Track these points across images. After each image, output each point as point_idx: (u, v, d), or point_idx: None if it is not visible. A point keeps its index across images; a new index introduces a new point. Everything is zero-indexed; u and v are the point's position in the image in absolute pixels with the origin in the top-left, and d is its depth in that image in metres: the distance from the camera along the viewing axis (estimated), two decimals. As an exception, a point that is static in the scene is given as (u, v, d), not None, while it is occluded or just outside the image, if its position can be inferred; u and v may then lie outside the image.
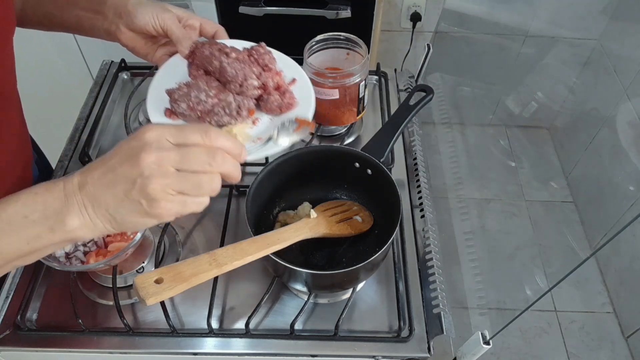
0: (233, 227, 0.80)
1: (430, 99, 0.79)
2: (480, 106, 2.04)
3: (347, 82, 0.83)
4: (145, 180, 0.43)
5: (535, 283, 1.70)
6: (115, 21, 0.70)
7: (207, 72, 0.70)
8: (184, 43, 0.70)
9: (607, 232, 1.74)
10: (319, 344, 0.68)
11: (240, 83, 0.67)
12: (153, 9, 0.69)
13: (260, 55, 0.71)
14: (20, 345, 0.67)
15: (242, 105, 0.67)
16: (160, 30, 0.70)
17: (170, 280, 0.50)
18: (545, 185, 2.04)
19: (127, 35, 0.71)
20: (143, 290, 0.48)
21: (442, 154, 1.26)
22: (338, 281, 0.67)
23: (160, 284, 0.50)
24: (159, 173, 0.43)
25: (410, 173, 0.88)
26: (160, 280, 0.50)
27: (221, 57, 0.67)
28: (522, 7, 1.77)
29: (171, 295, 0.50)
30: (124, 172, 0.44)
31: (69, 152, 0.89)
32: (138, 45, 0.72)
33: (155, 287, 0.49)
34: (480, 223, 1.87)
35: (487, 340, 0.64)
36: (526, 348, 1.62)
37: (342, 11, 1.28)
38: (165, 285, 0.50)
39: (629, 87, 1.66)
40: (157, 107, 0.68)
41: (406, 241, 0.76)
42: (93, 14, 0.71)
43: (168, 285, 0.50)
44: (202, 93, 0.66)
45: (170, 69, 0.71)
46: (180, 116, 0.67)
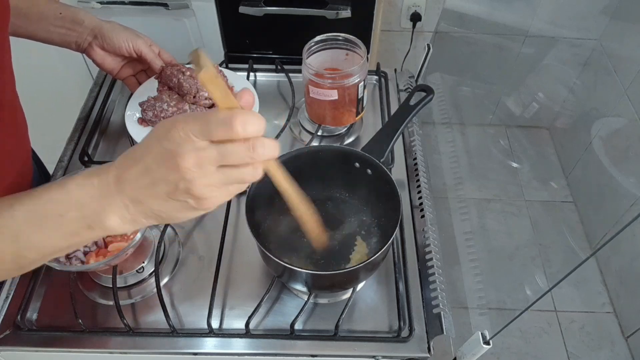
0: (233, 227, 0.80)
1: (430, 99, 0.79)
2: (480, 106, 2.04)
3: (346, 83, 0.83)
4: (189, 183, 0.42)
5: (535, 283, 1.70)
6: (89, 39, 0.83)
7: (170, 87, 0.87)
8: (157, 63, 0.87)
9: (607, 232, 1.74)
10: (319, 344, 0.68)
11: (194, 95, 0.85)
12: (127, 35, 0.84)
13: None
14: (20, 345, 0.67)
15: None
16: (134, 54, 0.85)
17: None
18: (545, 185, 2.04)
19: (99, 53, 0.84)
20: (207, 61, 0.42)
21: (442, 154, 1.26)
22: (338, 281, 0.67)
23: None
24: (201, 174, 0.42)
25: (410, 173, 0.88)
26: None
27: (179, 75, 0.85)
28: (522, 7, 1.77)
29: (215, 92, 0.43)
30: (164, 176, 0.43)
31: (69, 152, 0.89)
32: (106, 62, 0.86)
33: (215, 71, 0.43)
34: (480, 223, 1.87)
35: (487, 340, 0.64)
36: (526, 348, 1.62)
37: (342, 11, 1.28)
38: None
39: (629, 87, 1.65)
40: (133, 117, 0.86)
41: (406, 241, 0.76)
42: (66, 30, 0.81)
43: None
44: (164, 104, 0.84)
45: (144, 88, 0.89)
46: (148, 122, 0.85)
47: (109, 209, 0.44)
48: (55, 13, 0.80)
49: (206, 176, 0.42)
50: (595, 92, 1.88)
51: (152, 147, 0.43)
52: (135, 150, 0.44)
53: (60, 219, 0.44)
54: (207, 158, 0.42)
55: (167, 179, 0.42)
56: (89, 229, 0.45)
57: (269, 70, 1.04)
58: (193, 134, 0.42)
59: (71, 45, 0.83)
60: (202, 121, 0.42)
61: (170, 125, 0.42)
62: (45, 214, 0.45)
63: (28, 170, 0.79)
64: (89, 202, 0.44)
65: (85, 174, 0.45)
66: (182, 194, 0.43)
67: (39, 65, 1.34)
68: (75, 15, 0.81)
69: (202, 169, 0.42)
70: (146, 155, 0.43)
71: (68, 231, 0.45)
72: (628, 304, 1.65)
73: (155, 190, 0.43)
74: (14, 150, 0.73)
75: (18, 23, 0.76)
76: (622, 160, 1.71)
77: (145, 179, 0.43)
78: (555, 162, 2.08)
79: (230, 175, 0.44)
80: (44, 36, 0.81)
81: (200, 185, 0.42)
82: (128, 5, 1.33)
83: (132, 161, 0.44)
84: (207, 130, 0.42)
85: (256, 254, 0.72)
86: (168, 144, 0.42)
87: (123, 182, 0.44)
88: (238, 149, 0.43)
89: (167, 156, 0.42)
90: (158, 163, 0.42)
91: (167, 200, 0.44)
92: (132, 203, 0.44)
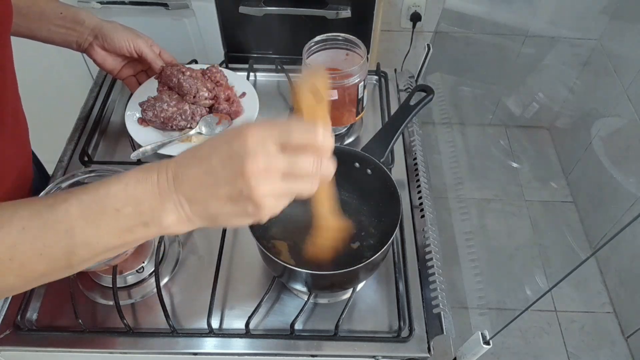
0: (233, 227, 0.80)
1: (430, 99, 0.79)
2: (480, 106, 2.04)
3: (346, 83, 0.83)
4: (253, 190, 0.41)
5: (535, 283, 1.70)
6: (89, 39, 0.83)
7: (170, 87, 0.87)
8: (158, 63, 0.87)
9: (607, 232, 1.74)
10: (319, 344, 0.68)
11: (194, 95, 0.85)
12: (128, 35, 0.84)
13: (212, 73, 0.89)
14: (20, 345, 0.67)
15: (196, 112, 0.86)
16: (134, 54, 0.86)
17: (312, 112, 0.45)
18: (545, 185, 2.04)
19: (100, 53, 0.85)
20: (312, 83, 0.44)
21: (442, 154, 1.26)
22: (338, 281, 0.67)
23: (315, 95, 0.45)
24: (266, 182, 0.42)
25: (410, 173, 0.88)
26: (315, 99, 0.45)
27: (179, 75, 0.85)
28: (522, 7, 1.77)
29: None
30: (228, 178, 0.42)
31: (69, 152, 0.89)
32: (107, 62, 0.86)
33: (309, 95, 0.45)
34: (480, 223, 1.87)
35: (487, 340, 0.64)
36: (526, 348, 1.62)
37: (342, 11, 1.28)
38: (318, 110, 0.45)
39: (629, 87, 1.65)
40: (133, 117, 0.87)
41: (406, 241, 0.76)
42: (66, 30, 0.81)
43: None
44: (164, 104, 0.84)
45: (144, 88, 0.90)
46: (148, 122, 0.86)
47: (166, 206, 0.43)
48: (56, 13, 0.80)
49: (271, 184, 0.42)
50: (595, 92, 1.88)
51: (220, 148, 0.42)
52: (200, 149, 0.44)
53: (116, 214, 0.43)
54: (275, 165, 0.42)
55: (231, 181, 0.42)
56: (144, 226, 0.44)
57: (269, 70, 1.04)
58: (270, 137, 0.41)
59: (72, 45, 0.83)
60: (283, 126, 0.42)
61: (244, 129, 0.42)
62: (102, 208, 0.43)
63: (28, 174, 0.79)
64: (146, 198, 0.43)
65: (145, 168, 0.44)
66: (244, 199, 0.42)
67: (38, 65, 1.34)
68: (76, 15, 0.81)
69: (268, 176, 0.42)
70: (212, 155, 0.42)
71: (123, 227, 0.44)
72: (628, 304, 1.65)
73: (217, 192, 0.43)
74: (15, 154, 0.73)
75: (18, 22, 0.76)
76: (622, 160, 1.71)
77: (208, 179, 0.43)
78: (555, 162, 2.08)
79: (292, 186, 0.44)
80: (45, 35, 0.81)
81: (263, 192, 0.42)
82: (128, 5, 1.33)
83: (195, 160, 0.43)
84: (287, 133, 0.42)
85: (256, 254, 0.72)
86: (239, 147, 0.41)
87: (182, 180, 0.43)
88: (308, 160, 0.43)
89: (236, 159, 0.41)
90: (224, 165, 0.42)
91: (227, 204, 0.43)
92: (188, 202, 0.44)
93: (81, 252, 0.45)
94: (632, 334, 1.61)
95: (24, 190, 0.77)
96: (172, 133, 0.86)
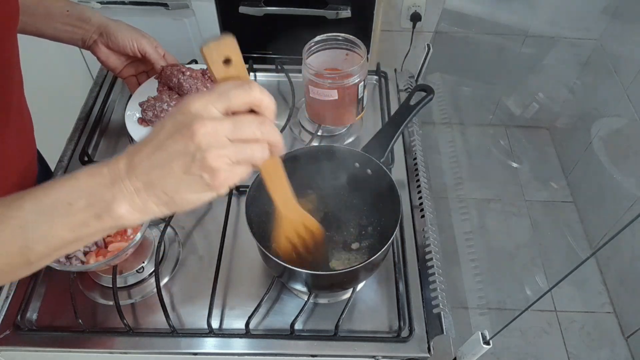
0: (233, 227, 0.80)
1: (430, 99, 0.79)
2: (480, 106, 2.04)
3: (346, 83, 0.83)
4: (205, 152, 0.41)
5: (535, 283, 1.70)
6: (94, 37, 0.83)
7: (170, 87, 0.88)
8: (160, 63, 0.87)
9: (607, 232, 1.74)
10: (319, 344, 0.68)
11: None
12: (133, 35, 0.84)
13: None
14: (20, 345, 0.67)
15: None
16: (138, 54, 0.86)
17: (229, 75, 0.44)
18: (545, 185, 2.04)
19: (103, 51, 0.85)
20: (215, 46, 0.43)
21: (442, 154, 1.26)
22: (338, 281, 0.67)
23: (225, 65, 0.44)
24: (216, 144, 0.42)
25: (410, 173, 0.88)
26: (228, 64, 0.44)
27: (179, 75, 0.86)
28: (522, 7, 1.77)
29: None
30: (179, 148, 0.42)
31: (69, 152, 0.89)
32: (110, 60, 0.87)
33: (219, 60, 0.43)
34: (480, 223, 1.87)
35: (487, 340, 0.64)
36: (526, 348, 1.62)
37: (342, 11, 1.28)
38: (222, 72, 0.44)
39: (629, 87, 1.65)
40: (133, 117, 0.86)
41: (406, 241, 0.76)
42: (72, 28, 0.81)
43: (223, 74, 0.44)
44: (164, 104, 0.85)
45: (144, 88, 0.90)
46: (148, 122, 0.85)
47: (119, 196, 0.43)
48: (62, 11, 0.80)
49: (221, 146, 0.42)
50: (595, 92, 1.87)
51: (166, 124, 0.43)
52: (147, 135, 0.44)
53: (68, 208, 0.44)
54: (221, 128, 0.42)
55: (182, 150, 0.42)
56: (98, 219, 0.44)
57: (269, 70, 1.04)
58: (211, 102, 0.42)
59: (77, 42, 0.84)
60: (220, 89, 0.42)
61: (184, 100, 0.43)
62: (54, 202, 0.44)
63: (32, 171, 0.80)
64: (98, 190, 0.44)
65: (97, 164, 0.45)
66: (198, 167, 0.42)
67: (39, 64, 1.33)
68: (82, 13, 0.82)
69: (217, 138, 0.42)
70: (160, 132, 0.43)
71: (77, 221, 0.44)
72: (628, 304, 1.65)
73: (171, 167, 0.43)
74: (20, 151, 0.73)
75: (25, 20, 0.76)
76: (622, 160, 1.71)
77: (159, 156, 0.43)
78: (555, 162, 2.08)
79: (242, 150, 0.43)
80: (51, 33, 0.81)
81: (215, 154, 0.42)
82: (128, 5, 1.33)
83: (144, 142, 0.44)
84: (225, 94, 0.42)
85: (256, 254, 0.72)
86: (183, 117, 0.42)
87: (134, 166, 0.43)
88: (250, 121, 0.43)
89: (182, 127, 0.42)
90: (173, 136, 0.42)
91: (182, 178, 0.43)
92: (143, 186, 0.44)
93: (37, 248, 0.45)
94: (632, 334, 1.61)
95: (28, 186, 0.77)
96: None
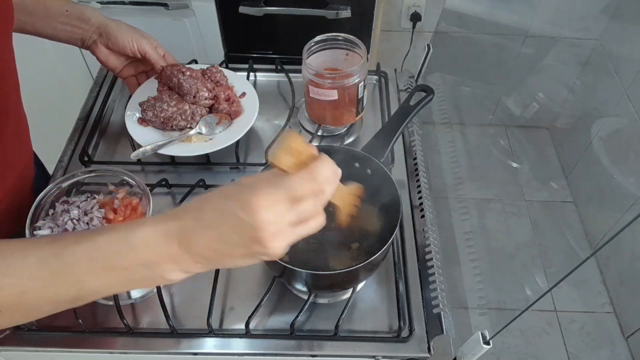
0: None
1: (430, 99, 0.79)
2: (480, 106, 2.03)
3: (346, 83, 0.83)
4: (268, 249, 0.43)
5: (535, 283, 1.70)
6: (94, 37, 0.83)
7: (170, 87, 0.87)
8: (160, 63, 0.87)
9: (607, 232, 1.74)
10: (319, 344, 0.68)
11: (194, 95, 0.85)
12: (132, 35, 0.84)
13: (212, 73, 0.89)
14: (20, 345, 0.67)
15: (196, 112, 0.86)
16: (138, 54, 0.85)
17: (298, 163, 0.45)
18: (545, 185, 2.04)
19: (103, 51, 0.85)
20: (282, 152, 0.44)
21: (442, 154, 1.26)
22: (338, 281, 0.67)
23: (291, 156, 0.45)
24: (280, 239, 0.44)
25: (410, 173, 0.88)
26: (295, 154, 0.45)
27: (179, 75, 0.85)
28: (522, 7, 1.77)
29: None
30: (242, 242, 0.43)
31: (69, 152, 0.89)
32: (110, 61, 0.86)
33: (287, 157, 0.44)
34: (480, 223, 1.87)
35: (487, 340, 0.64)
36: (526, 348, 1.62)
37: (342, 11, 1.28)
38: (290, 162, 0.44)
39: (629, 87, 1.65)
40: (133, 117, 0.87)
41: (406, 241, 0.76)
42: (72, 28, 0.81)
43: (291, 164, 0.44)
44: (164, 104, 0.84)
45: (144, 88, 0.90)
46: (148, 122, 0.86)
47: (175, 266, 0.45)
48: (61, 10, 0.80)
49: (284, 239, 0.44)
50: (595, 92, 1.87)
51: (229, 217, 0.43)
52: (203, 212, 0.44)
53: (124, 271, 0.45)
54: (287, 225, 0.43)
55: (245, 244, 0.43)
56: (151, 281, 0.46)
57: (269, 70, 1.04)
58: (279, 202, 0.42)
59: (77, 42, 0.84)
60: (287, 185, 0.43)
61: (250, 199, 0.42)
62: (110, 265, 0.45)
63: (29, 173, 0.79)
64: (154, 260, 0.45)
65: (152, 227, 0.44)
66: (258, 254, 0.44)
67: (39, 65, 1.34)
68: (81, 13, 0.81)
69: (281, 234, 0.43)
70: (222, 224, 0.43)
71: (130, 279, 0.46)
72: (628, 304, 1.65)
73: (231, 253, 0.44)
74: (16, 155, 0.73)
75: (24, 20, 0.76)
76: (622, 160, 1.71)
77: (221, 246, 0.44)
78: (555, 162, 2.08)
79: (302, 231, 0.45)
80: (51, 33, 0.81)
81: (277, 246, 0.44)
82: (128, 5, 1.33)
83: (203, 229, 0.44)
84: (292, 194, 0.43)
85: (256, 254, 0.72)
86: (249, 218, 0.42)
87: (193, 245, 0.44)
88: (311, 203, 0.44)
89: (248, 228, 0.42)
90: (237, 232, 0.43)
91: (242, 259, 0.45)
92: (203, 261, 0.45)
93: (88, 299, 0.47)
94: (632, 334, 1.61)
95: (25, 189, 0.77)
96: (172, 133, 0.86)
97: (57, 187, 0.72)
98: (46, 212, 0.70)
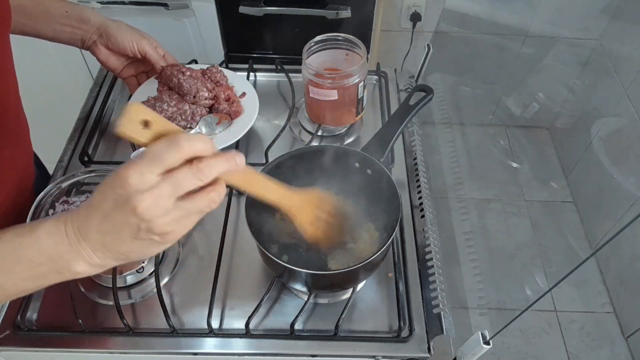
0: (233, 227, 0.80)
1: (430, 99, 0.79)
2: (480, 106, 2.03)
3: (346, 83, 0.83)
4: (149, 223, 0.43)
5: (535, 283, 1.70)
6: (94, 38, 0.83)
7: (170, 87, 0.87)
8: (160, 63, 0.87)
9: (607, 232, 1.74)
10: (319, 344, 0.68)
11: (194, 95, 0.85)
12: (132, 35, 0.84)
13: (212, 73, 0.89)
14: (20, 345, 0.67)
15: (196, 112, 0.86)
16: (138, 54, 0.85)
17: (155, 134, 0.44)
18: (545, 185, 2.04)
19: (103, 51, 0.85)
20: (126, 120, 0.43)
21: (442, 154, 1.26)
22: (338, 281, 0.67)
23: (146, 128, 0.44)
24: (159, 212, 0.43)
25: (410, 173, 0.88)
26: (149, 125, 0.44)
27: (179, 75, 0.85)
28: (522, 7, 1.77)
29: (142, 141, 0.44)
30: (123, 220, 0.43)
31: (69, 152, 0.89)
32: (110, 61, 0.86)
33: (138, 127, 0.44)
34: (480, 223, 1.87)
35: (487, 340, 0.64)
36: (526, 348, 1.62)
37: (342, 11, 1.28)
38: (148, 135, 0.44)
39: (629, 87, 1.65)
40: None
41: (406, 241, 0.76)
42: (72, 29, 0.81)
43: (150, 136, 0.44)
44: (164, 104, 0.84)
45: (144, 88, 0.90)
46: None
47: (77, 256, 0.46)
48: (61, 11, 0.80)
49: (165, 213, 0.43)
50: (595, 92, 1.87)
51: (107, 195, 0.43)
52: (93, 198, 0.45)
53: (30, 264, 0.46)
54: (161, 194, 0.42)
55: (127, 222, 0.43)
56: (58, 273, 0.47)
57: (269, 70, 1.04)
58: (145, 170, 0.42)
59: (77, 43, 0.84)
60: (151, 153, 0.42)
61: (120, 170, 0.43)
62: (16, 258, 0.46)
63: (30, 174, 0.80)
64: (57, 249, 0.45)
65: (55, 220, 0.46)
66: (146, 234, 0.44)
67: (38, 65, 1.34)
68: (81, 14, 0.82)
69: (159, 206, 0.43)
70: (102, 202, 0.44)
71: (37, 274, 0.47)
72: (628, 304, 1.65)
73: (119, 235, 0.44)
74: (16, 155, 0.73)
75: (24, 21, 0.76)
76: (622, 160, 1.71)
77: (107, 225, 0.44)
78: (555, 162, 2.08)
79: (186, 207, 0.44)
80: (51, 34, 0.81)
81: (160, 223, 0.43)
82: (128, 5, 1.33)
83: (91, 210, 0.45)
84: (157, 157, 0.42)
85: (256, 254, 0.72)
86: (121, 190, 0.42)
87: (86, 230, 0.45)
88: (186, 175, 0.43)
89: (123, 201, 0.42)
90: (115, 209, 0.43)
91: (133, 242, 0.45)
92: (101, 248, 0.45)
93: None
94: (632, 334, 1.61)
95: (26, 190, 0.77)
96: None
97: (57, 187, 0.72)
98: (46, 212, 0.71)
